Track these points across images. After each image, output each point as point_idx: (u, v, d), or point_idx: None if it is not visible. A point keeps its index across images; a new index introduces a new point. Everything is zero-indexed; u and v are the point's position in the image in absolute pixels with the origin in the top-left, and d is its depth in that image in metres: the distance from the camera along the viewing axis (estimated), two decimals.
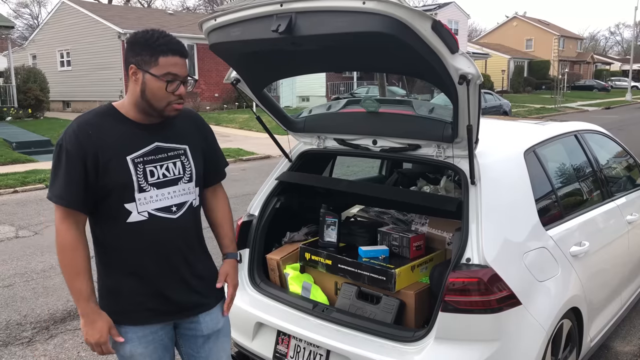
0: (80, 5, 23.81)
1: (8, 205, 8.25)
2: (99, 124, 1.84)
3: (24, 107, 18.66)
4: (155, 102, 1.83)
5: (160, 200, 1.88)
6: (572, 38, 55.16)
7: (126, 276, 1.89)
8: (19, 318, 4.20)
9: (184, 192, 1.94)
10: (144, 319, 1.91)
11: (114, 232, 1.86)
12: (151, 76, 1.80)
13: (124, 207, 1.83)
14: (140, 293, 1.90)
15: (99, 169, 1.79)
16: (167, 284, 1.92)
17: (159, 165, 1.88)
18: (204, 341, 2.06)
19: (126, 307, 1.89)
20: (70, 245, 1.80)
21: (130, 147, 1.84)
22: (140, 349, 1.92)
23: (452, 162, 2.52)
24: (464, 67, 2.04)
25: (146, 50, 1.80)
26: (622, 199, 3.52)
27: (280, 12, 2.10)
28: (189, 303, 1.99)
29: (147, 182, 1.85)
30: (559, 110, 27.21)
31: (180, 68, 1.83)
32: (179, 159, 1.94)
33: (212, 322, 2.07)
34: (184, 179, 1.94)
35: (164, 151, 1.90)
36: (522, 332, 2.31)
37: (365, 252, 2.80)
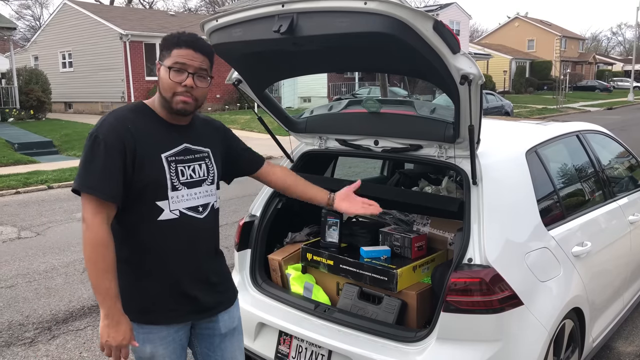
0: (82, 6, 23.85)
1: (10, 206, 8.26)
2: (134, 120, 1.84)
3: (25, 108, 18.70)
4: (164, 92, 1.84)
5: (189, 199, 1.90)
6: (574, 38, 55.11)
7: (151, 275, 1.88)
8: (21, 319, 4.21)
9: (207, 193, 1.96)
10: (168, 319, 1.91)
11: (143, 230, 1.85)
12: (163, 67, 1.83)
13: (156, 205, 1.83)
14: (165, 292, 1.89)
15: (135, 164, 1.78)
16: (192, 284, 1.93)
17: (187, 166, 1.90)
18: (221, 340, 2.07)
19: (150, 307, 1.88)
20: (103, 241, 1.73)
21: (164, 145, 1.86)
22: (161, 349, 1.91)
23: (454, 163, 2.52)
24: (466, 67, 2.04)
25: (166, 47, 1.84)
26: (624, 199, 3.51)
27: (281, 13, 2.10)
28: (212, 302, 2.01)
29: (179, 180, 1.87)
30: (561, 111, 27.18)
31: (190, 60, 1.82)
32: (203, 161, 1.97)
33: (229, 320, 2.09)
34: (207, 180, 1.97)
35: (192, 152, 1.93)
36: (524, 332, 2.31)
37: (367, 252, 2.80)
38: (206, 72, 1.87)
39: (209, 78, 1.89)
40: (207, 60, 1.87)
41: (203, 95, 1.89)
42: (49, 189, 9.48)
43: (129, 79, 21.15)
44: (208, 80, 1.89)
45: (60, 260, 5.59)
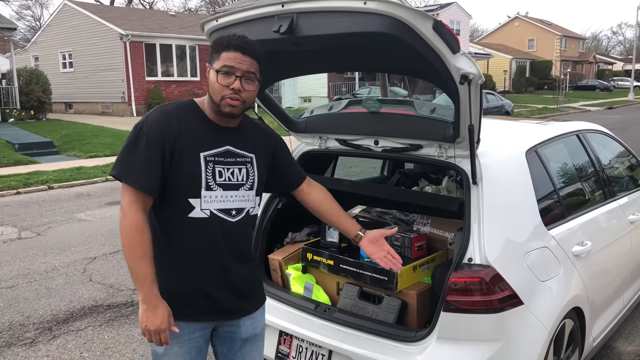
0: (82, 6, 23.85)
1: (11, 206, 8.27)
2: (180, 117, 1.87)
3: (26, 108, 18.70)
4: (213, 95, 1.86)
5: (223, 201, 1.90)
6: (574, 38, 55.10)
7: (176, 271, 1.89)
8: (21, 319, 4.21)
9: (244, 198, 1.96)
10: (187, 316, 1.91)
11: (173, 226, 1.87)
12: (212, 70, 1.85)
13: (188, 202, 1.84)
14: (187, 290, 1.90)
15: (174, 159, 1.81)
16: (214, 285, 1.93)
17: (226, 168, 1.91)
18: (242, 344, 2.07)
19: (170, 301, 1.87)
20: (139, 226, 1.78)
21: (205, 144, 1.87)
22: (176, 347, 1.92)
23: (454, 162, 2.52)
24: (465, 67, 2.04)
25: (216, 50, 1.86)
26: (624, 198, 3.51)
27: (281, 13, 2.11)
28: (233, 306, 1.99)
29: (214, 181, 1.88)
30: (561, 111, 27.17)
31: (238, 63, 1.82)
32: (244, 166, 1.96)
33: (252, 327, 2.08)
34: (246, 186, 1.96)
35: (234, 156, 1.93)
36: (524, 331, 2.31)
37: None
38: (254, 75, 1.87)
39: (257, 81, 1.89)
40: (256, 63, 1.87)
41: (251, 98, 1.90)
42: (49, 190, 9.49)
43: (129, 79, 21.15)
44: (256, 83, 1.89)
45: (61, 261, 5.59)
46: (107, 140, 14.34)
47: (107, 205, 8.20)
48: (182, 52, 22.77)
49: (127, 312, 4.30)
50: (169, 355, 1.93)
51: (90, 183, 10.04)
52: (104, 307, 4.42)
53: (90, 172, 10.62)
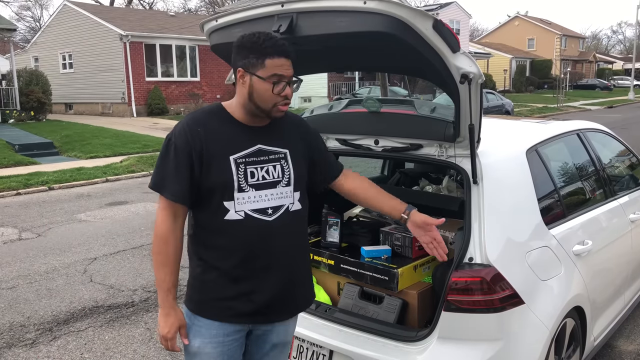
0: (81, 7, 23.85)
1: (11, 207, 8.27)
2: (207, 123, 1.88)
3: (26, 109, 18.70)
4: (262, 103, 1.86)
5: (257, 201, 1.89)
6: (574, 37, 55.09)
7: (214, 270, 1.90)
8: (22, 320, 4.21)
9: (281, 195, 1.94)
10: (222, 316, 1.91)
11: (211, 228, 1.89)
12: (258, 78, 1.82)
13: (223, 205, 1.86)
14: (224, 289, 1.90)
15: (203, 166, 1.84)
16: (251, 286, 1.91)
17: (259, 167, 1.90)
18: (270, 349, 2.06)
19: (207, 299, 1.91)
20: (162, 236, 1.85)
21: (234, 147, 1.88)
22: (209, 348, 1.92)
23: (454, 162, 2.52)
24: (466, 66, 2.04)
25: (254, 53, 1.82)
26: (625, 197, 3.51)
27: (281, 13, 2.10)
28: (269, 309, 1.96)
29: (247, 182, 1.87)
30: (561, 110, 27.17)
31: (286, 69, 1.83)
32: (279, 162, 1.94)
33: (283, 334, 2.08)
34: (282, 182, 1.94)
35: (266, 154, 1.92)
36: (525, 331, 2.30)
37: (367, 252, 2.80)
38: (296, 78, 1.89)
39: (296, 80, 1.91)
40: (291, 63, 1.88)
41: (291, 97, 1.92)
42: (49, 190, 9.49)
43: (129, 79, 21.15)
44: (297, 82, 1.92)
45: (61, 262, 5.59)
46: (107, 141, 14.34)
47: (107, 206, 8.20)
48: (182, 52, 22.77)
49: (128, 313, 4.30)
50: (200, 355, 1.93)
51: (90, 184, 10.04)
52: (104, 307, 4.42)
53: (90, 172, 10.62)
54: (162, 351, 3.68)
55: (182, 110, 22.06)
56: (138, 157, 12.29)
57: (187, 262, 2.01)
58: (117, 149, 13.48)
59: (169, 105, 21.77)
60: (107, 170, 10.91)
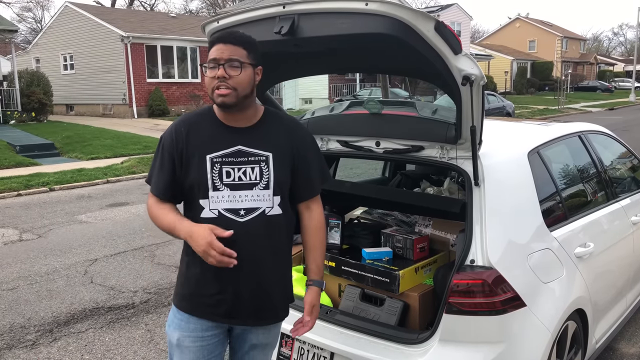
0: (83, 8, 23.87)
1: (12, 208, 8.27)
2: (195, 123, 1.97)
3: (27, 110, 18.71)
4: (208, 91, 1.91)
5: (231, 201, 1.91)
6: (575, 39, 55.09)
7: (195, 267, 1.95)
8: (22, 321, 4.20)
9: (258, 198, 1.92)
10: (199, 312, 1.96)
11: None
12: (203, 68, 1.90)
13: (199, 203, 1.91)
14: (202, 286, 1.95)
15: (183, 164, 1.92)
16: (225, 286, 1.93)
17: (236, 168, 1.92)
18: (250, 348, 2.08)
19: (189, 295, 1.97)
20: (151, 207, 1.98)
21: (213, 147, 1.92)
22: (188, 342, 1.97)
23: (456, 164, 2.51)
24: (467, 68, 2.03)
25: (208, 50, 1.90)
26: (626, 199, 3.50)
27: (283, 14, 2.10)
28: (245, 313, 1.96)
29: (221, 181, 1.91)
30: (562, 112, 27.15)
31: (220, 53, 1.84)
32: (258, 165, 1.93)
33: (264, 337, 2.08)
34: (260, 185, 1.93)
35: (245, 155, 1.93)
36: (526, 333, 2.30)
37: (368, 254, 2.79)
38: (238, 61, 1.84)
39: (246, 66, 1.85)
40: (240, 49, 1.85)
41: (242, 83, 1.85)
42: (50, 191, 9.49)
43: (130, 81, 21.16)
44: (241, 68, 1.84)
45: (62, 263, 5.59)
46: (108, 142, 14.34)
47: (108, 207, 8.20)
48: (183, 53, 22.78)
49: (128, 314, 4.30)
50: (180, 348, 1.98)
51: (91, 185, 10.04)
52: (105, 309, 4.42)
53: (91, 173, 10.62)
54: (163, 352, 3.68)
55: (183, 112, 22.04)
56: (139, 158, 12.29)
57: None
58: (118, 150, 13.48)
59: (169, 106, 21.78)
60: (108, 172, 10.91)
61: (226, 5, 44.29)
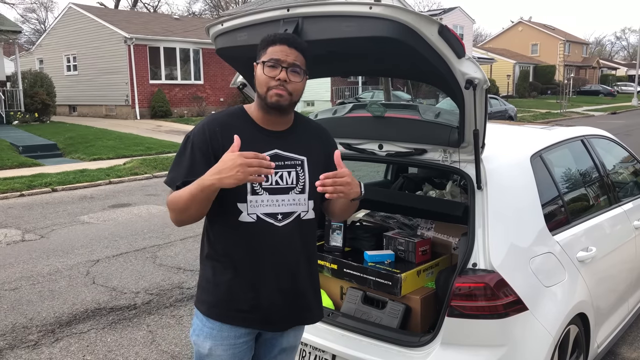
0: (86, 10, 23.95)
1: (14, 208, 8.28)
2: (227, 123, 1.88)
3: (30, 111, 18.77)
4: (259, 87, 1.85)
5: (269, 205, 1.87)
6: (577, 43, 55.07)
7: (226, 273, 1.89)
8: (25, 321, 4.21)
9: (294, 202, 1.91)
10: (233, 319, 1.91)
11: (224, 230, 1.89)
12: (258, 64, 1.85)
13: (236, 206, 1.85)
14: (237, 293, 1.89)
15: None
16: (261, 291, 1.89)
17: (274, 172, 1.84)
18: (279, 353, 2.05)
19: (220, 302, 1.90)
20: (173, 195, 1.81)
21: (250, 149, 1.79)
22: (220, 350, 1.92)
23: (459, 167, 2.52)
24: (471, 71, 2.04)
25: (262, 46, 1.86)
26: (629, 204, 3.50)
27: (287, 17, 2.11)
28: (280, 317, 1.95)
29: (260, 185, 1.86)
30: (564, 115, 27.13)
31: (284, 55, 1.82)
32: (294, 169, 1.91)
33: (294, 339, 2.07)
34: (296, 189, 1.92)
35: (282, 159, 1.89)
36: (528, 337, 2.30)
37: (370, 256, 2.79)
38: (300, 67, 1.85)
39: (303, 74, 1.86)
40: (302, 57, 1.85)
41: (298, 91, 1.86)
42: (53, 192, 9.51)
43: (133, 82, 21.21)
44: (302, 76, 1.86)
45: (64, 263, 5.60)
46: (111, 143, 14.37)
47: (110, 208, 8.21)
48: (185, 55, 22.83)
49: (130, 315, 4.30)
50: (212, 357, 1.92)
51: (93, 186, 10.06)
52: (107, 310, 4.42)
53: (93, 174, 10.64)
54: (164, 354, 3.68)
55: (185, 113, 22.10)
56: (141, 159, 12.31)
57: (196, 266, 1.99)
58: (120, 151, 13.51)
59: (172, 108, 21.82)
60: (111, 173, 10.93)
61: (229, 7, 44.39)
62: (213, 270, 1.92)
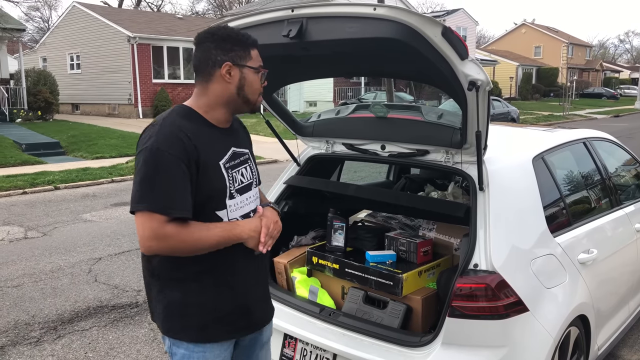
0: (90, 8, 24.01)
1: (17, 206, 8.31)
2: (190, 128, 1.70)
3: (33, 109, 18.83)
4: (252, 95, 1.80)
5: (243, 206, 1.83)
6: (581, 45, 55.01)
7: (213, 289, 1.78)
8: (27, 318, 4.23)
9: (255, 197, 1.90)
10: (225, 335, 1.83)
11: None
12: (250, 69, 1.77)
13: (216, 215, 1.75)
14: (226, 307, 1.80)
15: (200, 175, 1.69)
16: (252, 297, 1.87)
17: (237, 170, 1.82)
18: (260, 348, 2.05)
19: (209, 323, 1.78)
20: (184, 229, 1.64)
21: (219, 152, 1.76)
22: None
23: (461, 168, 2.53)
24: (474, 73, 2.05)
25: (238, 45, 1.76)
26: (630, 207, 3.50)
27: (291, 18, 2.12)
28: (263, 315, 1.96)
29: (234, 187, 1.79)
30: (567, 118, 27.10)
31: (261, 59, 1.83)
32: (247, 163, 1.89)
33: (269, 330, 2.08)
34: (254, 183, 1.91)
35: (238, 156, 1.84)
36: (529, 338, 2.30)
37: (372, 256, 2.80)
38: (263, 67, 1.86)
39: None
40: None
41: None
42: (55, 190, 9.53)
43: (136, 81, 21.25)
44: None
45: (66, 261, 5.62)
46: (113, 142, 14.40)
47: (112, 207, 8.23)
48: (189, 55, 22.86)
49: (132, 313, 4.32)
50: None
51: (96, 184, 10.08)
52: (108, 307, 4.44)
53: (96, 173, 10.66)
54: (166, 353, 3.69)
55: None
56: None
57: None
58: (122, 149, 13.54)
59: None
60: (113, 171, 10.95)
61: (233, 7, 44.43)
62: (195, 291, 1.77)
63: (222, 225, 1.73)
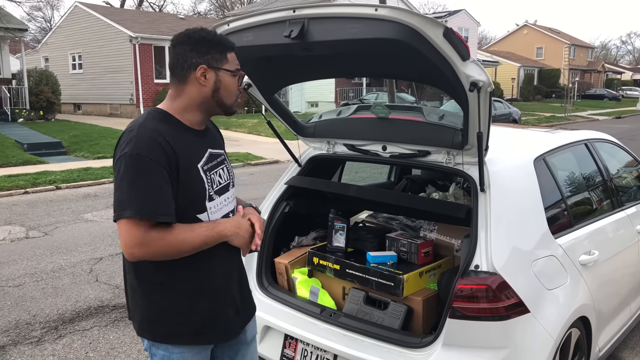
0: (92, 9, 24.05)
1: (19, 205, 8.32)
2: (166, 131, 1.69)
3: (35, 109, 18.86)
4: (229, 99, 1.79)
5: (222, 208, 1.82)
6: (583, 47, 54.96)
7: (194, 295, 1.76)
8: (28, 318, 4.23)
9: (232, 197, 1.90)
10: (207, 339, 1.82)
11: None
12: (226, 72, 1.76)
13: (197, 218, 1.73)
14: (207, 311, 1.79)
15: (180, 179, 1.68)
16: (233, 299, 1.87)
17: (215, 172, 1.81)
18: (246, 348, 2.04)
19: (190, 328, 1.77)
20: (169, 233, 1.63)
21: (197, 155, 1.75)
22: None
23: (462, 169, 2.52)
24: (475, 74, 2.05)
25: (215, 48, 1.75)
26: (632, 208, 3.50)
27: (293, 18, 2.12)
28: (246, 314, 1.95)
29: (213, 189, 1.78)
30: (569, 119, 27.09)
31: (238, 62, 1.83)
32: (224, 164, 1.89)
33: (253, 327, 2.07)
34: (231, 184, 1.91)
35: (215, 157, 1.84)
36: (530, 340, 2.30)
37: (373, 257, 2.80)
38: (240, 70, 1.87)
39: None
40: None
41: None
42: (57, 190, 9.54)
43: (138, 81, 21.28)
44: None
45: (68, 261, 5.62)
46: (115, 142, 14.30)
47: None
48: None
49: None
50: None
51: (97, 184, 10.09)
52: (109, 307, 4.44)
53: (97, 173, 10.67)
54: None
55: None
56: None
57: None
58: None
59: None
60: None
61: (234, 7, 44.47)
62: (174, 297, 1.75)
63: (205, 224, 1.73)
